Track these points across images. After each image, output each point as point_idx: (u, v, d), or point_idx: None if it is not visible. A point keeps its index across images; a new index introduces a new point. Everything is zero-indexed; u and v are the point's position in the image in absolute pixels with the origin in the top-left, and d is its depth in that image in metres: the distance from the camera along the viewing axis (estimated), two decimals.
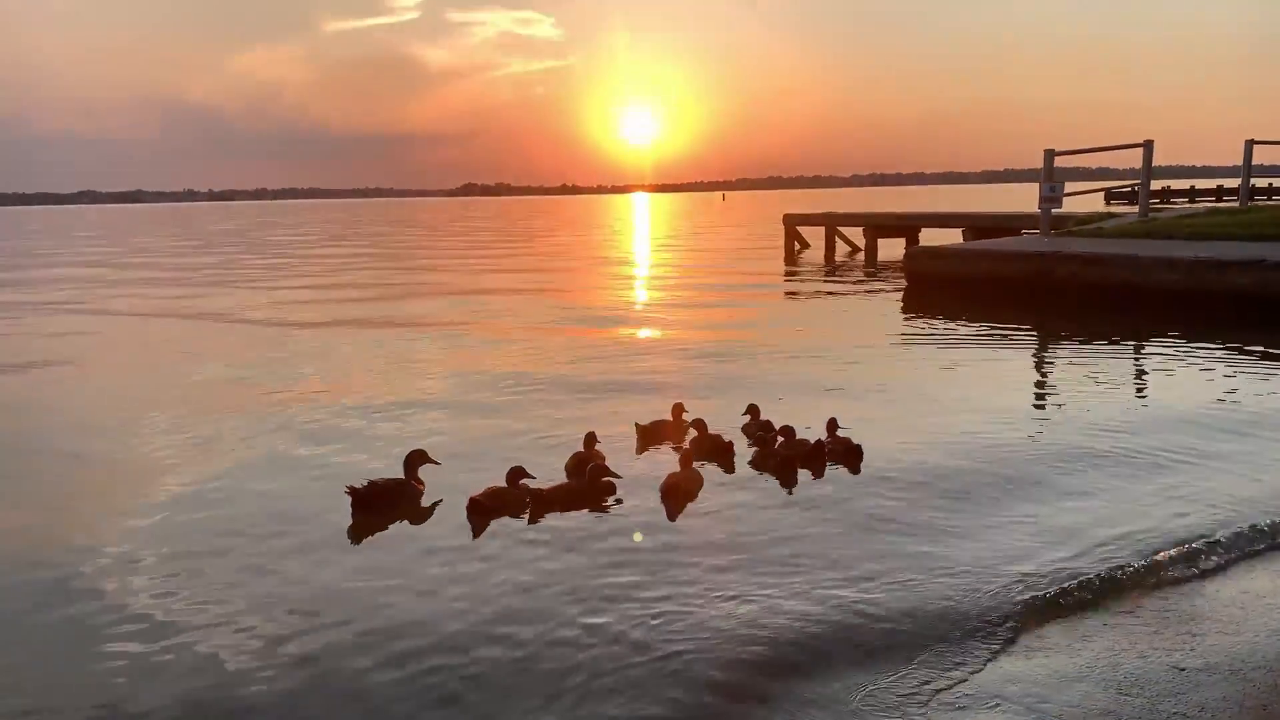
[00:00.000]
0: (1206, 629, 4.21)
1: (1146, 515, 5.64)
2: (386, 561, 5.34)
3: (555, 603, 4.68)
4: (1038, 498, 6.02)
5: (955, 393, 9.10)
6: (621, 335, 13.76)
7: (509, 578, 5.01)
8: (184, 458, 7.40)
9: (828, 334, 12.91)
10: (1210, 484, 6.18)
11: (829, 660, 4.06)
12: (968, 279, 16.32)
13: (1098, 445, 7.11)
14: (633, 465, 6.91)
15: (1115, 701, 3.66)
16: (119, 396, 10.03)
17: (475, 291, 20.37)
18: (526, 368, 10.86)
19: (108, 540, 5.67)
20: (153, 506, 6.25)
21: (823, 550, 5.23)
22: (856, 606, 4.51)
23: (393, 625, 4.50)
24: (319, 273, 26.93)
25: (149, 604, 4.80)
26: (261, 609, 4.71)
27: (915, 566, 4.96)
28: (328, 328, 14.90)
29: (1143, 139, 19.32)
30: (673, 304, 17.59)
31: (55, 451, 7.81)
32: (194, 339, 14.20)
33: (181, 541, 5.63)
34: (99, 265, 31.88)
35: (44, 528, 5.99)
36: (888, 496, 6.11)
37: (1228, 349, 10.90)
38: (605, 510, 6.01)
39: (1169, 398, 8.77)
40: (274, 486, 6.66)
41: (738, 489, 6.43)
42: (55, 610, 4.78)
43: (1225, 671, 3.84)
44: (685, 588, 4.79)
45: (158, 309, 18.27)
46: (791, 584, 4.78)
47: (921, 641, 4.18)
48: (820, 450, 6.88)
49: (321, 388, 10.01)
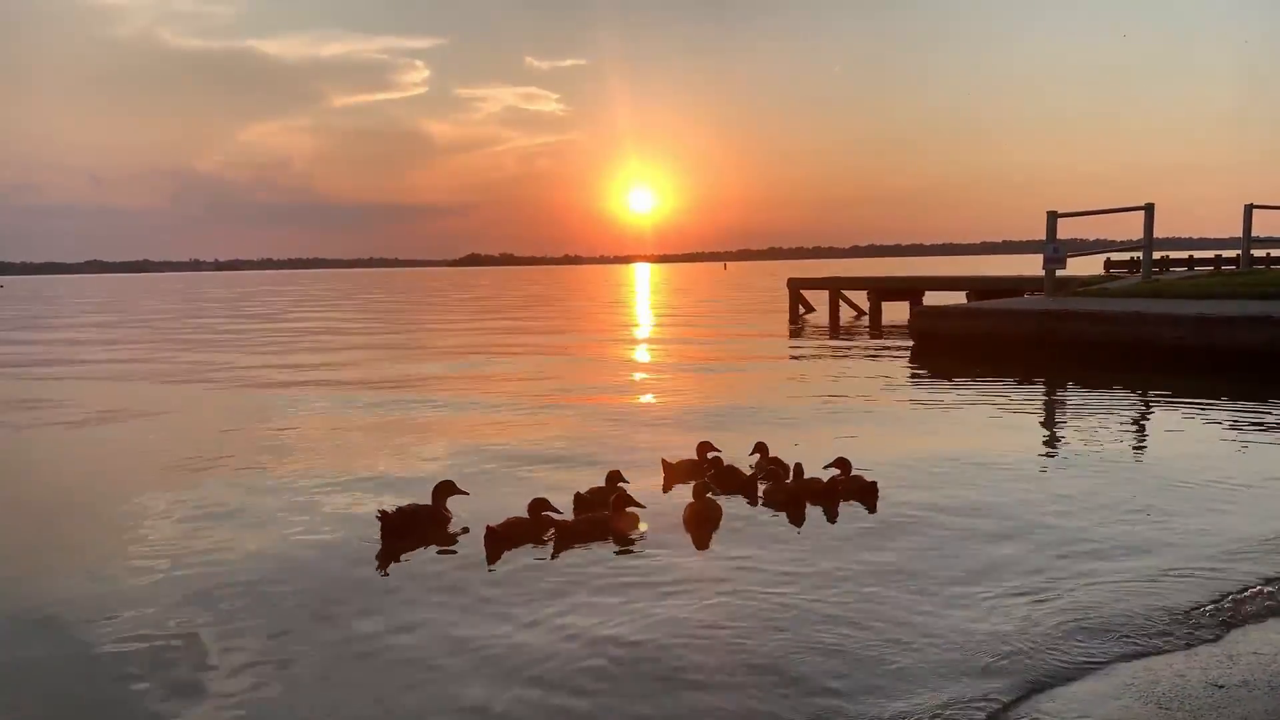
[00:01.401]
0: (1239, 653, 4.19)
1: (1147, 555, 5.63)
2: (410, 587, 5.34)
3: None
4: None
5: (965, 444, 9.13)
6: (629, 397, 13.83)
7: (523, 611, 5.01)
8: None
9: (835, 392, 12.92)
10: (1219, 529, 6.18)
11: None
12: (974, 338, 16.41)
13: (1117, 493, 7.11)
14: (657, 500, 6.96)
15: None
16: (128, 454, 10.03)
17: (477, 353, 20.48)
18: (533, 429, 10.91)
19: (123, 598, 5.64)
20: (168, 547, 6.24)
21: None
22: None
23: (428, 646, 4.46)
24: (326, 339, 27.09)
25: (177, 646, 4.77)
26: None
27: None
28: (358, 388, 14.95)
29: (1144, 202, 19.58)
30: (678, 366, 17.61)
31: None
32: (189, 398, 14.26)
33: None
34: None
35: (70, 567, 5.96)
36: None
37: (1235, 406, 10.92)
38: (630, 543, 6.03)
39: (1179, 451, 8.79)
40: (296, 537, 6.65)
41: (753, 521, 6.50)
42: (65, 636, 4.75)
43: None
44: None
45: (168, 373, 18.35)
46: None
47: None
48: (834, 488, 6.94)
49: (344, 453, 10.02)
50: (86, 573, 5.72)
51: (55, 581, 5.58)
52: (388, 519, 6.11)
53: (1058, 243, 18.86)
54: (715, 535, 6.15)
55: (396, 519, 6.13)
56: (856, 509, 6.71)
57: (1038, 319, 15.62)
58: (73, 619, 4.99)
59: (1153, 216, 19.46)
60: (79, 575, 5.69)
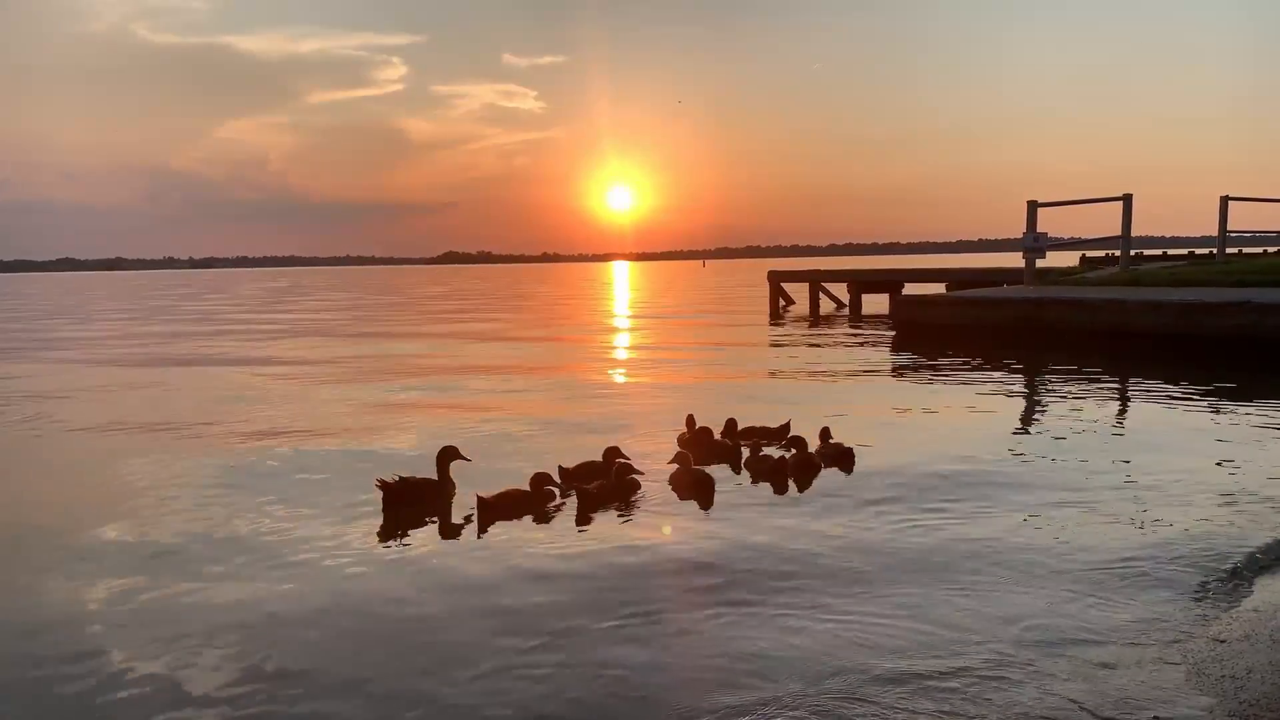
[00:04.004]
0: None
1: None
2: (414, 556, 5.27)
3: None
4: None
5: (944, 425, 9.19)
6: (614, 384, 13.76)
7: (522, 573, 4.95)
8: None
9: (817, 380, 12.87)
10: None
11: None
12: (955, 326, 16.46)
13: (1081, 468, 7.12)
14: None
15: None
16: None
17: (467, 348, 20.35)
18: (527, 407, 10.84)
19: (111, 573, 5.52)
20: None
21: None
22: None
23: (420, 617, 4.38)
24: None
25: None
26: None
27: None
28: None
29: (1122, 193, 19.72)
30: (661, 358, 17.52)
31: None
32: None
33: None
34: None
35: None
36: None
37: (1215, 389, 10.98)
38: (633, 504, 6.30)
39: (1162, 429, 8.86)
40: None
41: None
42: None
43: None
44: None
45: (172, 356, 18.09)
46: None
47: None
48: (811, 460, 7.20)
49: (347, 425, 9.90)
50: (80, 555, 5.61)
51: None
52: (388, 488, 6.14)
53: (1038, 233, 18.95)
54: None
55: (397, 488, 6.16)
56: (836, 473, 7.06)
57: (1019, 306, 15.68)
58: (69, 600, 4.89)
59: (1130, 207, 19.60)
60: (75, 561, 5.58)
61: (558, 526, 5.87)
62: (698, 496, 6.45)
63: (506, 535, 5.70)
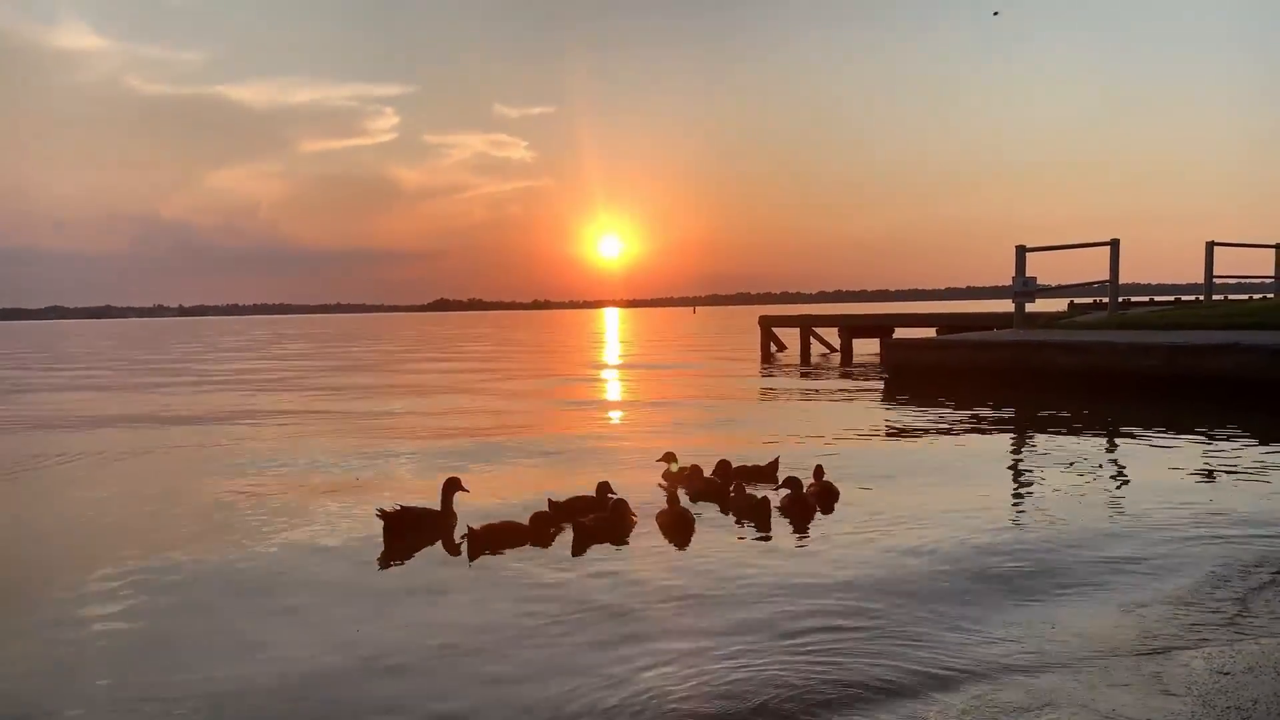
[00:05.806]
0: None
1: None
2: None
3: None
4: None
5: (934, 461, 9.17)
6: (608, 426, 13.73)
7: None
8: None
9: (810, 424, 12.83)
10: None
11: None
12: (947, 369, 16.51)
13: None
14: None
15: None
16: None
17: (453, 393, 20.33)
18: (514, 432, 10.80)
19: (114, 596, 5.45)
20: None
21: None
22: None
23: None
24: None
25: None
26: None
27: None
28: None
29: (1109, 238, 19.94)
30: (652, 402, 17.46)
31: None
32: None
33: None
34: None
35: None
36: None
37: (1209, 432, 11.00)
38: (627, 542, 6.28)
39: (1156, 472, 8.87)
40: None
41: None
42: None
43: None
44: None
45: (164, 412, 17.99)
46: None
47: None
48: (804, 500, 7.12)
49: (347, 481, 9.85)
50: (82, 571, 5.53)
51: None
52: (388, 518, 6.17)
53: (1028, 277, 19.11)
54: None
55: (398, 517, 6.19)
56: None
57: (1011, 350, 15.75)
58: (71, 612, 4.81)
59: (1118, 252, 19.81)
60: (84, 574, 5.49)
61: (551, 557, 5.88)
62: (677, 535, 6.45)
63: (502, 566, 5.68)
